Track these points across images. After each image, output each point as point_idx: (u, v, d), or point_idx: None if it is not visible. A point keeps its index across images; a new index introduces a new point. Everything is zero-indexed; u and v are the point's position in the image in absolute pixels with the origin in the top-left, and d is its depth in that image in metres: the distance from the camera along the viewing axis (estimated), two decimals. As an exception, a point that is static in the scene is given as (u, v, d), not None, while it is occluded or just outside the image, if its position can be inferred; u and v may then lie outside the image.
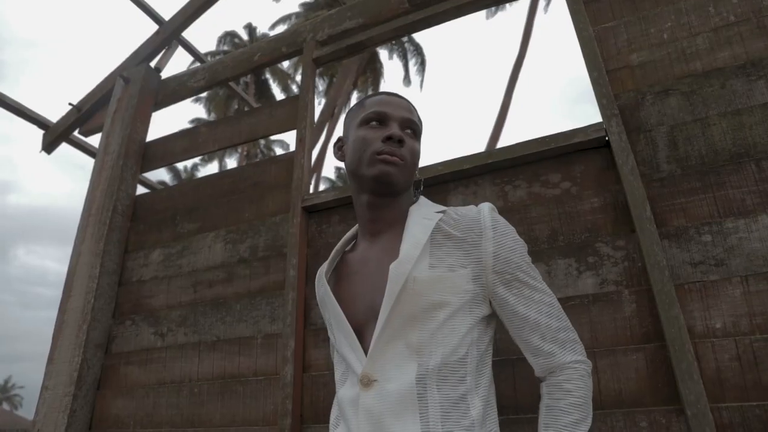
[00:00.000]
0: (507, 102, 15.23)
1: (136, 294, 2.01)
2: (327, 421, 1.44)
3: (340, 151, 1.12)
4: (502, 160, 1.47)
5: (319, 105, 18.90)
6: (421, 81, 19.01)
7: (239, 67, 2.31)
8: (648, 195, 1.27)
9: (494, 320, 0.98)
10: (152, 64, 2.67)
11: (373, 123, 1.02)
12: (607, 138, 1.36)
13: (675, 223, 1.23)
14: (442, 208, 1.02)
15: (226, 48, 20.65)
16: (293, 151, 1.92)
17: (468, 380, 0.88)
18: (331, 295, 0.98)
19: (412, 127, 1.03)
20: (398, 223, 1.03)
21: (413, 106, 1.08)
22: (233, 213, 1.95)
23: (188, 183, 2.15)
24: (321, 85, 17.36)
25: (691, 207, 1.23)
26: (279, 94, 20.64)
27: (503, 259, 0.92)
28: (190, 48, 2.81)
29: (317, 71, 2.13)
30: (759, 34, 1.33)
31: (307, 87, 2.01)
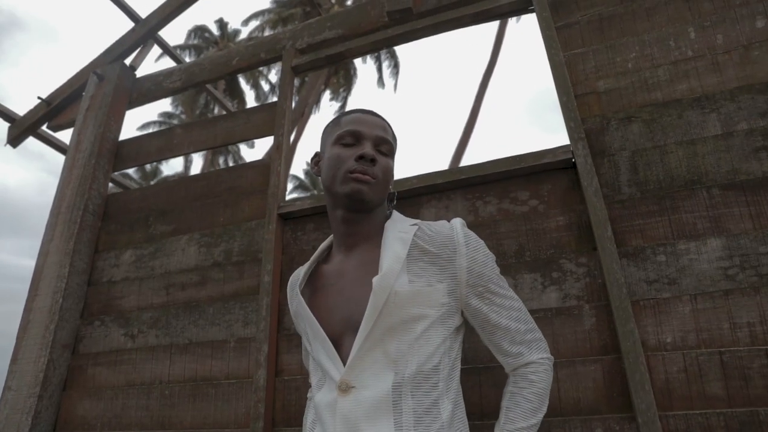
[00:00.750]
0: (477, 107, 15.48)
1: (106, 294, 2.00)
2: (298, 425, 1.47)
3: (316, 166, 1.17)
4: (474, 177, 1.54)
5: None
6: (395, 83, 19.13)
7: (216, 70, 2.31)
8: (609, 216, 1.36)
9: (463, 329, 1.04)
10: (126, 61, 2.64)
11: (347, 140, 1.06)
12: (573, 160, 1.44)
13: (633, 243, 1.32)
14: (414, 221, 1.07)
15: (195, 42, 20.28)
16: (270, 158, 1.95)
17: (440, 386, 0.94)
18: (306, 307, 1.02)
19: (386, 145, 1.07)
20: (373, 236, 1.08)
21: (388, 124, 1.13)
22: (208, 216, 1.96)
23: (162, 184, 2.14)
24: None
25: (648, 228, 1.32)
26: (248, 91, 20.40)
27: (476, 273, 0.98)
28: (166, 47, 2.79)
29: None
30: (713, 70, 1.44)
31: (285, 94, 2.03)
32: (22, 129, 2.69)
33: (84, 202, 2.09)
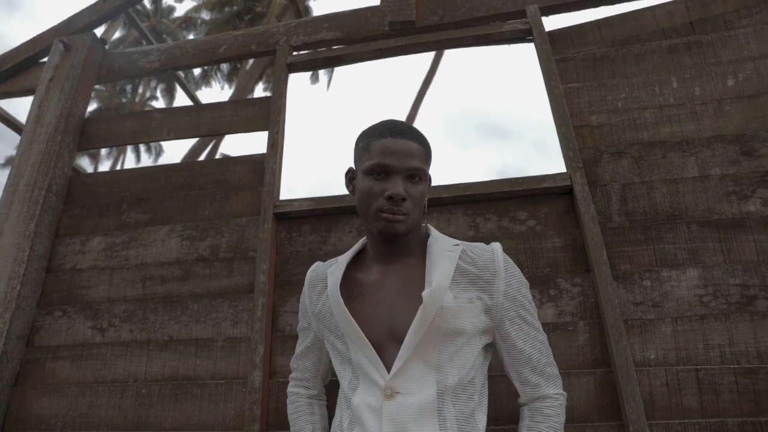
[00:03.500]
0: (413, 115, 15.79)
1: (69, 283, 1.86)
2: (293, 427, 1.47)
3: (351, 185, 1.15)
4: (477, 194, 1.62)
5: (222, 91, 18.07)
6: (329, 80, 19.01)
7: (201, 56, 2.23)
8: (603, 241, 1.49)
9: (492, 348, 1.11)
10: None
11: (378, 175, 1.04)
12: (571, 187, 1.57)
13: (622, 267, 1.46)
14: (456, 241, 1.13)
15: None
16: (262, 154, 1.92)
17: (476, 398, 1.01)
18: (346, 310, 1.05)
19: (418, 173, 1.05)
20: (413, 251, 1.12)
21: (420, 142, 1.08)
22: (191, 209, 1.89)
23: (137, 170, 2.03)
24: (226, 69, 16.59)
25: (635, 255, 1.47)
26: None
27: (511, 298, 1.05)
28: (137, 25, 2.62)
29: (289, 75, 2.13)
30: (692, 118, 1.62)
31: (281, 91, 2.01)
32: (-41, 91, 2.42)
33: (47, 181, 1.93)
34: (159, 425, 1.56)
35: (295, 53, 2.15)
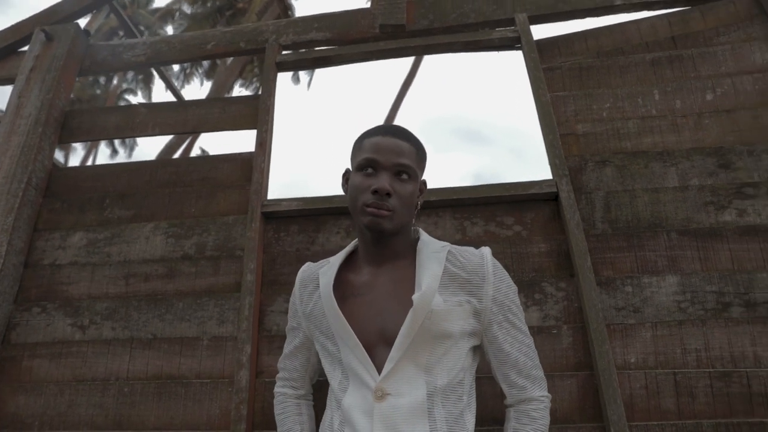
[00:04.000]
0: (392, 116, 15.83)
1: (49, 279, 1.82)
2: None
3: (346, 185, 1.19)
4: (465, 198, 1.64)
5: (201, 87, 17.83)
6: (310, 80, 18.92)
7: (188, 51, 2.20)
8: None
9: (479, 350, 1.13)
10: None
11: (367, 170, 1.07)
12: (557, 194, 1.60)
13: (605, 273, 1.50)
14: (443, 243, 1.15)
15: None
16: (250, 152, 1.91)
17: (464, 399, 1.04)
18: (339, 311, 1.06)
19: (406, 171, 1.07)
20: (404, 253, 1.14)
21: (411, 143, 1.11)
22: (176, 206, 1.87)
23: (121, 165, 2.00)
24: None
25: (618, 262, 1.51)
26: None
27: (499, 302, 1.08)
28: (122, 16, 2.58)
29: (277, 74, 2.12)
30: (672, 130, 1.68)
31: (270, 91, 2.00)
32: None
33: (27, 174, 1.88)
34: (142, 424, 1.54)
35: (284, 52, 2.14)
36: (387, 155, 1.07)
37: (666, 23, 1.87)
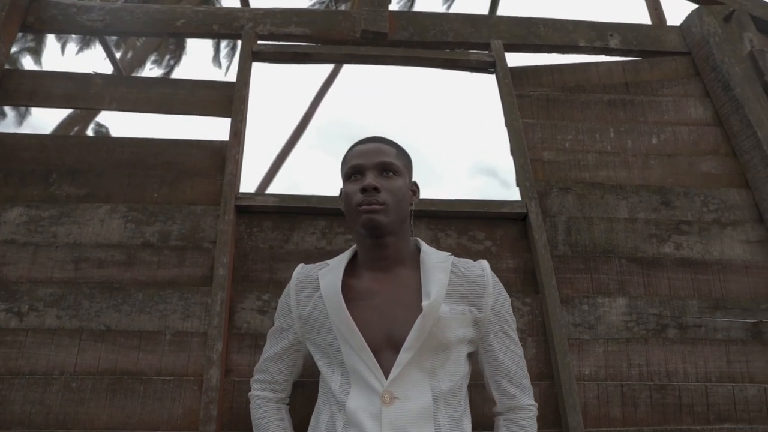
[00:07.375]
0: (304, 125, 15.58)
1: (-23, 258, 1.61)
2: (247, 428, 1.43)
3: (342, 201, 1.22)
4: (440, 210, 1.71)
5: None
6: (228, 66, 18.11)
7: (152, 25, 2.06)
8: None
9: (474, 358, 1.20)
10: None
11: (353, 177, 1.16)
12: (525, 214, 1.72)
13: (565, 291, 1.64)
14: (446, 253, 1.21)
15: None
16: (222, 141, 1.83)
17: (462, 404, 1.10)
18: (348, 314, 1.07)
19: (390, 168, 1.15)
20: (406, 260, 1.18)
21: (391, 145, 1.20)
22: (136, 189, 1.74)
23: (72, 138, 1.84)
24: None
25: (576, 282, 1.66)
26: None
27: (497, 312, 1.16)
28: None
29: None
30: (624, 166, 1.87)
31: (245, 80, 1.93)
32: None
33: (-42, 137, 1.66)
34: (90, 423, 1.42)
35: (260, 42, 2.08)
36: (369, 157, 1.15)
37: (620, 69, 2.09)
